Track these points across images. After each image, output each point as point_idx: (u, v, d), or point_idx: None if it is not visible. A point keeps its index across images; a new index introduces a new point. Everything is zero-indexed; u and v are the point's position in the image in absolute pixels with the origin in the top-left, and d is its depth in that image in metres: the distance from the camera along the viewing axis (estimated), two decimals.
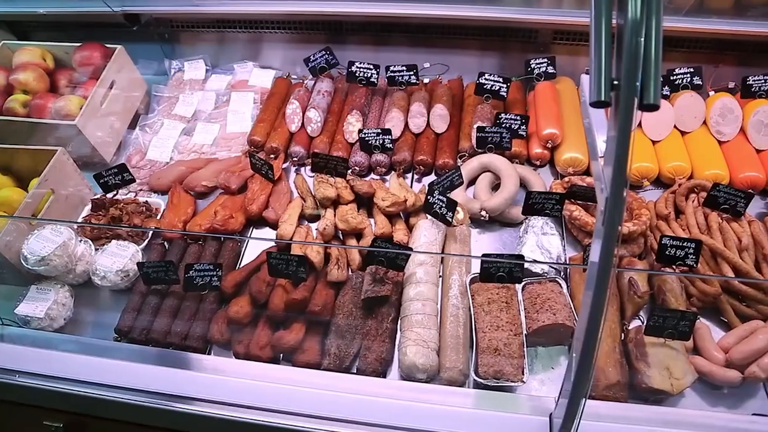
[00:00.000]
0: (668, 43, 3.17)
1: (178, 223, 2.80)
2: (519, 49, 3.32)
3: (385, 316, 2.31)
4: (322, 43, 3.37)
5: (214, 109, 3.40)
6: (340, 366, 2.23)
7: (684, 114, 2.92)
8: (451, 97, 3.11)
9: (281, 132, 3.08)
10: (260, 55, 3.69)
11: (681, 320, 2.10)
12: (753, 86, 2.90)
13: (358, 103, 3.12)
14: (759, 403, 2.19)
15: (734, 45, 3.17)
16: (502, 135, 2.75)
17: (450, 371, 2.13)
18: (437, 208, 2.43)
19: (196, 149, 3.21)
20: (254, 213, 2.76)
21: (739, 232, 2.47)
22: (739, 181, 2.73)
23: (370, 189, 2.69)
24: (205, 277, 2.44)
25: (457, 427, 1.98)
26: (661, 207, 2.64)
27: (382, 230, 2.55)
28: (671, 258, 2.31)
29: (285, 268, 2.35)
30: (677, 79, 2.95)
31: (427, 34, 3.42)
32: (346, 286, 2.43)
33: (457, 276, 2.36)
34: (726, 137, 2.89)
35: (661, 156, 2.84)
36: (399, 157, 2.89)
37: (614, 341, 2.19)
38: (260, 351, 2.31)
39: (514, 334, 2.15)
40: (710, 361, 2.20)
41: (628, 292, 2.35)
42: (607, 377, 2.09)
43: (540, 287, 2.28)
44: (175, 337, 2.41)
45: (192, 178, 3.00)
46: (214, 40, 3.69)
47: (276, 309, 2.37)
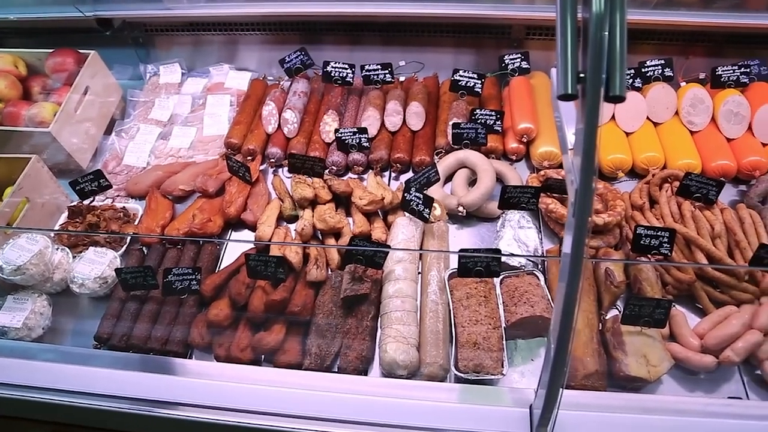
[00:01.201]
0: (639, 35, 3.24)
1: (156, 227, 2.79)
2: (493, 45, 3.35)
3: (365, 314, 2.32)
4: (298, 43, 3.37)
5: (191, 112, 3.39)
6: (321, 365, 2.23)
7: (656, 105, 2.96)
8: (426, 94, 3.13)
9: (258, 134, 3.08)
10: (236, 57, 3.68)
11: (656, 308, 2.14)
12: (722, 76, 2.94)
13: (334, 102, 3.12)
14: (734, 386, 2.24)
15: (704, 36, 3.22)
16: (477, 131, 2.77)
17: (430, 366, 2.14)
18: (414, 205, 2.44)
19: (173, 153, 3.19)
20: (232, 215, 2.75)
21: (712, 220, 2.51)
22: (711, 169, 2.77)
23: (348, 188, 2.69)
24: (184, 281, 2.44)
25: (438, 421, 1.99)
26: (635, 197, 2.68)
27: (361, 229, 2.56)
28: (646, 247, 2.34)
29: (264, 269, 2.35)
30: (649, 71, 2.99)
31: (402, 33, 3.43)
32: (325, 285, 2.44)
33: (436, 272, 2.37)
34: (697, 127, 2.93)
35: (635, 147, 2.88)
36: (376, 155, 2.90)
37: (592, 331, 2.22)
38: (241, 353, 2.30)
39: (493, 327, 2.17)
40: (686, 348, 2.24)
41: (604, 282, 2.37)
42: (586, 367, 2.12)
43: (518, 280, 2.30)
44: (155, 343, 2.40)
45: (169, 183, 2.99)
46: (189, 43, 3.67)
47: (256, 311, 2.37)
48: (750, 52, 3.11)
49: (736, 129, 2.87)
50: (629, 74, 2.95)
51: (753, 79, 2.96)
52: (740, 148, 2.83)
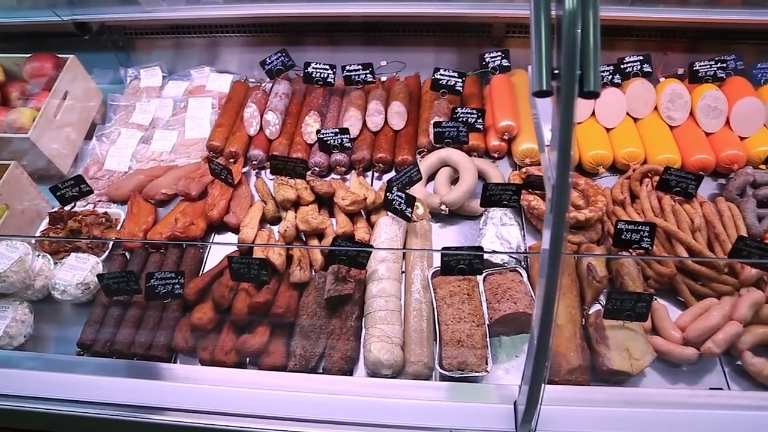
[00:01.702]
0: (618, 32, 3.27)
1: (138, 232, 2.78)
2: (474, 43, 3.36)
3: (349, 314, 2.32)
4: (279, 45, 3.36)
5: (172, 115, 3.37)
6: (306, 366, 2.23)
7: (635, 101, 2.98)
8: (408, 94, 3.13)
9: (240, 136, 3.07)
10: (217, 59, 3.66)
11: (638, 302, 2.15)
12: (700, 71, 2.97)
13: (315, 103, 3.12)
14: (716, 377, 2.26)
15: (681, 32, 3.25)
16: (458, 129, 2.78)
17: (415, 365, 2.15)
18: (396, 205, 2.44)
19: (155, 157, 3.18)
20: (215, 218, 2.74)
21: (692, 214, 2.54)
22: (691, 164, 2.80)
23: (330, 189, 2.69)
24: (167, 286, 2.43)
25: (423, 420, 2.00)
26: (616, 193, 2.70)
27: (344, 229, 2.56)
28: (627, 242, 2.36)
29: (247, 272, 2.34)
30: (628, 67, 3.01)
31: (383, 33, 3.43)
32: (309, 286, 2.44)
33: (419, 271, 2.38)
34: (676, 122, 2.96)
35: (615, 143, 2.90)
36: (358, 155, 2.90)
37: (575, 326, 2.23)
38: (226, 356, 2.30)
39: (477, 324, 2.17)
40: (668, 340, 2.26)
41: (587, 277, 2.39)
42: (569, 362, 2.13)
43: (501, 277, 2.31)
44: (139, 348, 2.39)
45: (151, 187, 2.97)
46: (169, 46, 3.65)
47: (240, 313, 2.36)
48: (726, 47, 3.14)
49: (714, 123, 2.90)
50: (608, 71, 2.97)
51: (729, 74, 2.99)
52: (718, 142, 2.86)
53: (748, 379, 2.23)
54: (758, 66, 3.06)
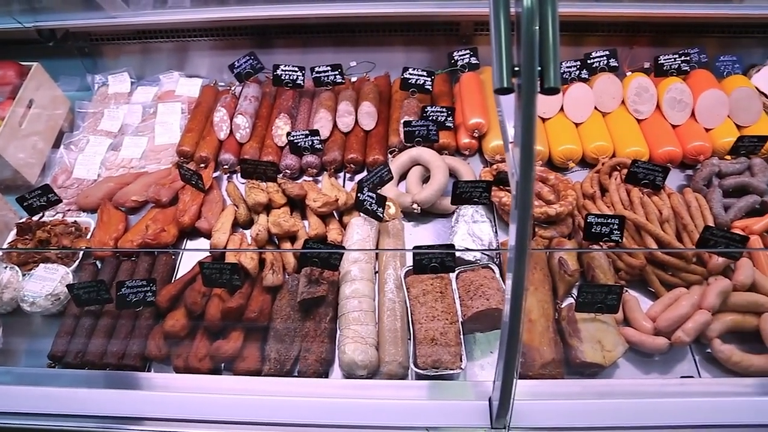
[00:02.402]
0: (584, 28, 3.31)
1: (109, 240, 2.74)
2: (443, 42, 3.37)
3: (323, 316, 2.31)
4: (248, 48, 3.35)
5: (141, 121, 3.33)
6: (281, 370, 2.22)
7: (603, 95, 3.02)
8: (378, 93, 3.14)
9: (210, 140, 3.05)
10: (186, 64, 3.63)
11: (608, 294, 2.18)
12: (665, 65, 3.02)
13: (285, 106, 3.11)
14: (687, 365, 2.30)
15: (647, 27, 3.30)
16: (428, 128, 2.78)
17: (389, 365, 2.15)
18: (368, 205, 2.44)
19: (125, 164, 3.14)
20: (186, 224, 2.72)
21: (660, 205, 2.57)
22: (658, 156, 2.84)
23: (302, 191, 2.68)
24: (138, 294, 2.40)
25: (400, 419, 2.00)
26: (586, 187, 2.72)
27: (316, 231, 2.55)
28: (597, 235, 2.39)
29: (219, 277, 2.33)
30: (594, 62, 3.05)
31: (353, 33, 3.43)
32: (282, 290, 2.43)
33: (392, 270, 2.38)
34: (643, 115, 3.00)
35: (584, 137, 2.93)
36: (329, 157, 2.90)
37: (548, 321, 2.25)
38: (200, 363, 2.28)
39: (450, 322, 2.18)
40: (639, 331, 2.29)
41: (558, 271, 2.41)
42: (542, 356, 2.15)
43: (473, 274, 2.32)
44: (112, 358, 2.35)
45: (121, 194, 2.93)
46: (137, 51, 3.61)
47: (213, 319, 2.34)
48: (690, 40, 3.20)
49: (680, 116, 2.94)
50: (575, 66, 3.00)
51: (694, 67, 3.04)
52: (685, 134, 2.90)
53: (718, 366, 2.27)
54: (721, 58, 3.12)
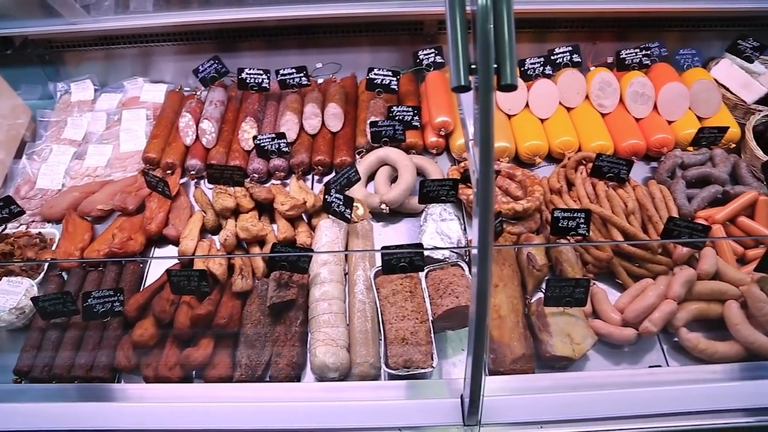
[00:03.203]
0: (548, 24, 3.35)
1: (75, 251, 2.70)
2: (408, 41, 3.38)
3: (293, 320, 2.30)
4: (213, 52, 3.32)
5: (106, 129, 3.29)
6: (253, 376, 2.21)
7: (567, 91, 3.05)
8: (344, 95, 3.13)
9: (176, 146, 3.01)
10: (150, 69, 3.59)
11: (576, 288, 2.20)
12: (626, 59, 3.06)
13: (251, 109, 3.09)
14: (655, 355, 2.33)
15: (609, 22, 3.34)
16: (395, 128, 2.79)
17: (360, 366, 2.15)
18: (336, 207, 2.44)
19: (90, 173, 3.09)
20: (154, 232, 2.69)
21: (625, 198, 2.60)
22: (623, 149, 2.88)
23: (269, 195, 2.67)
24: (105, 304, 2.35)
25: (373, 420, 2.00)
26: (553, 182, 2.75)
27: (285, 234, 2.54)
28: (564, 229, 2.41)
29: (187, 284, 2.30)
30: (558, 57, 3.08)
31: (318, 35, 3.42)
32: (252, 295, 2.41)
33: (362, 271, 2.37)
34: (607, 109, 3.04)
35: (550, 133, 2.96)
36: (297, 159, 2.88)
37: (517, 316, 2.26)
38: (170, 372, 2.25)
39: (420, 321, 2.18)
40: (608, 323, 2.32)
41: (527, 267, 2.43)
42: (513, 351, 2.16)
43: (442, 273, 2.33)
44: (80, 370, 2.32)
45: (87, 203, 2.89)
46: (100, 57, 3.56)
47: (182, 327, 2.32)
48: (651, 35, 3.24)
49: (643, 109, 2.99)
50: (539, 62, 3.03)
51: (654, 61, 3.08)
52: (648, 127, 2.95)
53: (685, 354, 2.31)
54: (681, 52, 3.17)
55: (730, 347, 2.24)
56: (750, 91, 3.02)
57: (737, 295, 2.32)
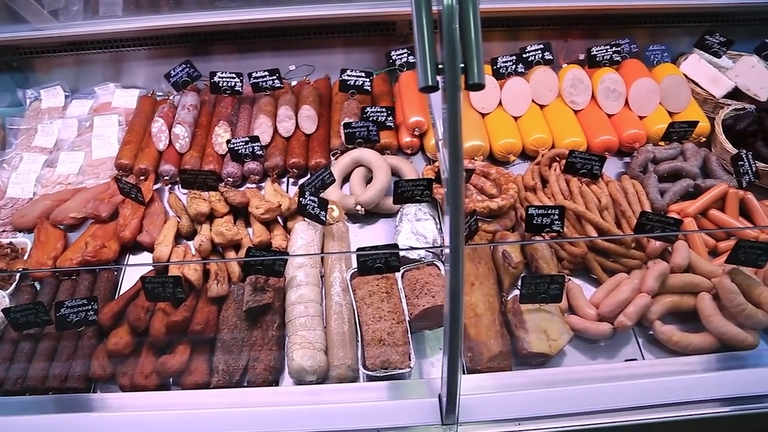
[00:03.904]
0: (520, 23, 3.37)
1: (47, 260, 2.66)
2: (382, 42, 3.38)
3: (270, 324, 2.29)
4: (186, 56, 3.29)
5: (77, 136, 3.25)
6: (230, 381, 2.19)
7: (539, 88, 3.07)
8: (317, 96, 3.12)
9: (149, 152, 2.98)
10: (122, 74, 3.55)
11: (551, 284, 2.21)
12: (597, 56, 3.09)
13: (224, 113, 3.07)
14: (631, 349, 2.35)
15: (580, 20, 3.37)
16: (369, 129, 2.79)
17: (338, 368, 2.14)
18: (310, 209, 2.43)
19: (61, 180, 3.05)
20: (128, 239, 2.66)
21: (598, 193, 2.63)
22: (596, 145, 2.90)
23: (244, 198, 2.65)
24: (79, 313, 2.32)
25: (352, 422, 2.00)
26: (527, 179, 2.77)
27: (260, 238, 2.53)
28: (539, 226, 2.42)
29: (162, 291, 2.28)
30: (530, 55, 3.09)
31: (291, 37, 3.41)
32: (228, 300, 2.39)
33: (338, 273, 2.37)
34: (579, 106, 3.06)
35: (523, 130, 2.97)
36: (271, 162, 2.87)
37: (493, 314, 2.27)
38: (146, 380, 2.23)
39: (397, 322, 2.18)
40: (583, 318, 2.33)
41: (503, 264, 2.44)
42: (490, 349, 2.17)
43: (418, 272, 2.33)
44: (54, 381, 2.28)
45: (59, 211, 2.85)
46: (70, 63, 3.51)
47: (158, 334, 2.30)
48: (622, 31, 3.28)
49: (614, 105, 3.02)
50: (511, 60, 3.04)
51: (625, 57, 3.12)
52: (620, 122, 2.98)
53: (660, 347, 2.33)
54: (650, 48, 3.21)
55: (704, 339, 2.27)
56: (719, 86, 3.07)
57: (710, 287, 2.36)
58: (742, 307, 2.23)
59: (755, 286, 2.28)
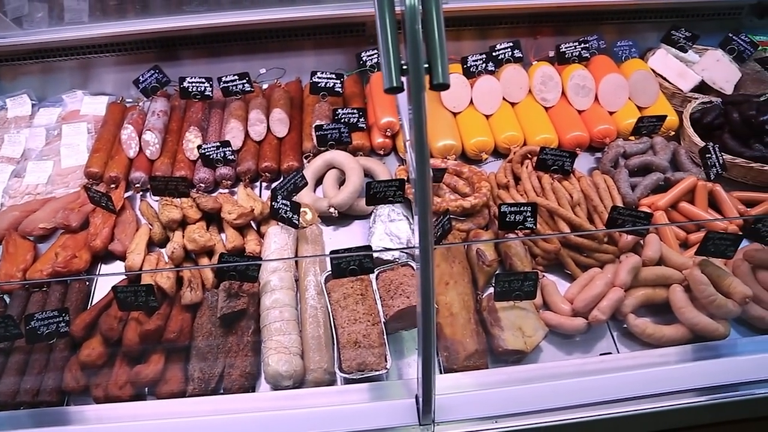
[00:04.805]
0: (490, 21, 3.39)
1: (16, 273, 2.61)
2: (352, 43, 3.38)
3: (245, 329, 2.27)
4: (155, 61, 3.26)
5: (46, 145, 3.20)
6: (206, 389, 2.16)
7: (510, 86, 3.09)
8: (289, 99, 3.11)
9: (119, 160, 2.94)
10: (90, 81, 3.50)
11: (525, 281, 2.22)
12: (566, 53, 3.12)
13: (195, 118, 3.04)
14: (606, 343, 2.37)
15: (549, 17, 3.41)
16: (340, 130, 2.78)
17: (314, 372, 2.13)
18: (283, 213, 2.41)
19: (30, 191, 3.00)
20: (99, 248, 2.62)
21: (570, 189, 2.65)
22: (567, 141, 2.93)
23: (216, 204, 2.63)
24: (50, 325, 2.28)
25: (330, 426, 1.99)
26: (500, 177, 2.78)
27: (233, 243, 2.51)
28: (512, 223, 2.43)
29: (134, 300, 2.25)
30: (499, 54, 3.11)
31: (262, 40, 3.40)
32: (202, 306, 2.37)
33: (312, 276, 2.36)
34: (550, 103, 3.09)
35: (495, 128, 2.99)
36: (243, 167, 2.85)
37: (469, 313, 2.28)
38: (120, 391, 2.19)
39: (372, 323, 2.18)
40: (558, 314, 2.35)
41: (477, 263, 2.45)
42: (466, 348, 2.17)
43: (392, 274, 2.32)
44: (26, 396, 2.23)
45: (28, 222, 2.80)
46: (37, 71, 3.46)
47: (131, 344, 2.27)
48: (591, 28, 3.31)
49: (584, 101, 3.04)
50: (481, 59, 3.05)
51: (593, 53, 3.15)
52: (590, 118, 3.01)
53: (634, 340, 2.35)
54: (618, 44, 3.24)
55: (676, 330, 2.30)
56: (686, 80, 3.11)
57: (681, 279, 2.39)
58: (713, 298, 2.26)
59: (725, 276, 2.31)
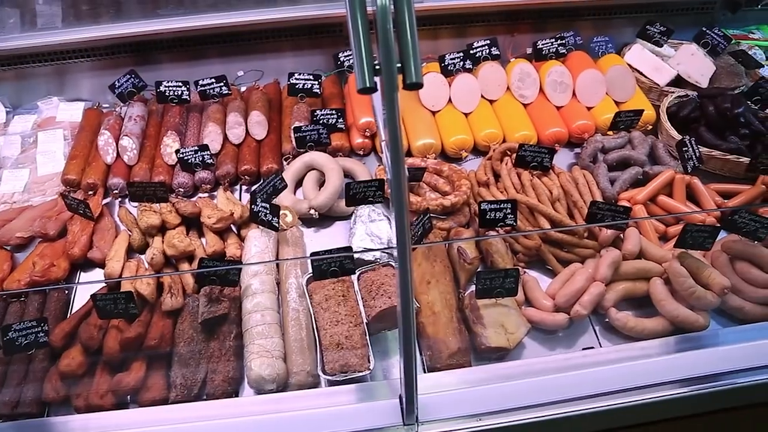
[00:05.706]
0: (467, 19, 3.39)
1: None
2: (330, 44, 3.37)
3: (227, 334, 2.25)
4: (132, 66, 3.23)
5: (21, 152, 3.15)
6: (189, 395, 2.15)
7: (488, 84, 3.10)
8: (267, 101, 3.09)
9: (96, 166, 2.91)
10: (66, 88, 3.46)
11: (506, 278, 2.22)
12: (543, 49, 3.13)
13: (173, 123, 3.01)
14: (588, 337, 2.39)
15: (525, 14, 3.42)
16: (319, 132, 2.77)
17: (297, 375, 2.12)
18: (262, 216, 2.40)
19: (6, 199, 2.96)
20: (77, 256, 2.59)
21: (550, 185, 2.66)
22: (546, 137, 2.94)
23: (195, 209, 2.61)
24: (28, 336, 2.24)
25: (314, 428, 1.98)
26: (480, 174, 2.78)
27: (214, 248, 2.49)
28: (492, 221, 2.43)
29: (114, 307, 2.22)
30: (477, 51, 3.12)
31: (239, 42, 3.38)
32: (183, 312, 2.34)
33: (294, 279, 2.35)
34: (528, 99, 3.10)
35: (474, 126, 3.00)
36: (222, 170, 2.83)
37: (451, 311, 2.28)
38: (102, 400, 2.17)
39: (354, 325, 2.17)
40: (540, 310, 2.36)
41: (458, 261, 2.45)
42: (449, 346, 2.17)
43: (374, 274, 2.32)
44: (5, 408, 2.20)
45: (4, 231, 2.76)
46: (10, 78, 3.41)
47: (112, 352, 2.24)
48: (566, 24, 3.34)
49: (562, 97, 3.06)
50: (459, 57, 3.06)
51: (570, 49, 3.17)
52: (568, 114, 3.02)
53: (617, 334, 2.37)
54: (595, 40, 3.27)
55: (657, 323, 2.31)
56: (662, 74, 3.14)
57: (661, 272, 2.40)
58: (692, 290, 2.28)
59: (703, 268, 2.33)
